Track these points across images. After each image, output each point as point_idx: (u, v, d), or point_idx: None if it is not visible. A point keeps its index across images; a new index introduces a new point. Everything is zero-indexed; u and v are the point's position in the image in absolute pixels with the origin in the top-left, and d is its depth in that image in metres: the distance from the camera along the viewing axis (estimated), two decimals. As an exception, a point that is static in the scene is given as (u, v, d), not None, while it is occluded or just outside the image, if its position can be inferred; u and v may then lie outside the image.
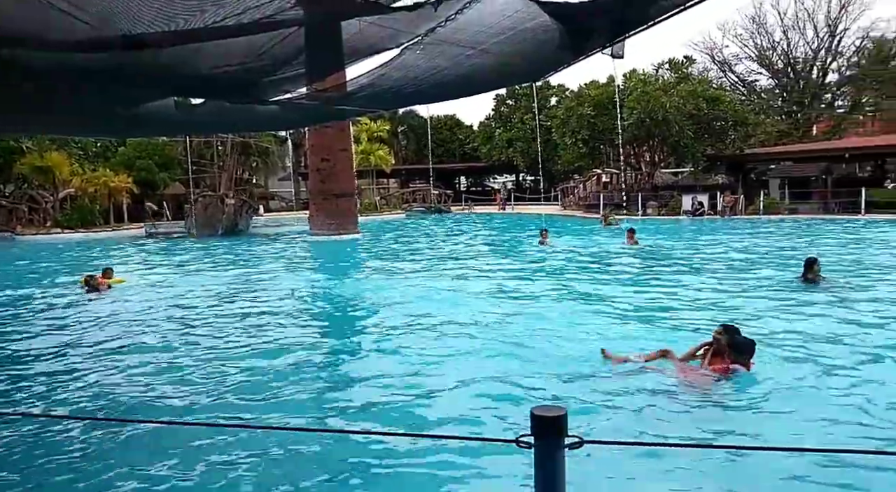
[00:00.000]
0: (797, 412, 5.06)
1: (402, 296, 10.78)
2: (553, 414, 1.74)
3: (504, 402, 5.38)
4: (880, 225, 22.05)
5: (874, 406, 5.09)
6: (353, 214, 24.39)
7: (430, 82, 7.12)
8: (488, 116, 50.49)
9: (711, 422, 4.99)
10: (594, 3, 4.66)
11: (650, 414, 5.13)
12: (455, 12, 4.85)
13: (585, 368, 6.28)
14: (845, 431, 4.71)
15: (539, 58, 6.42)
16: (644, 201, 31.49)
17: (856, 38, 43.21)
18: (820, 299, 9.34)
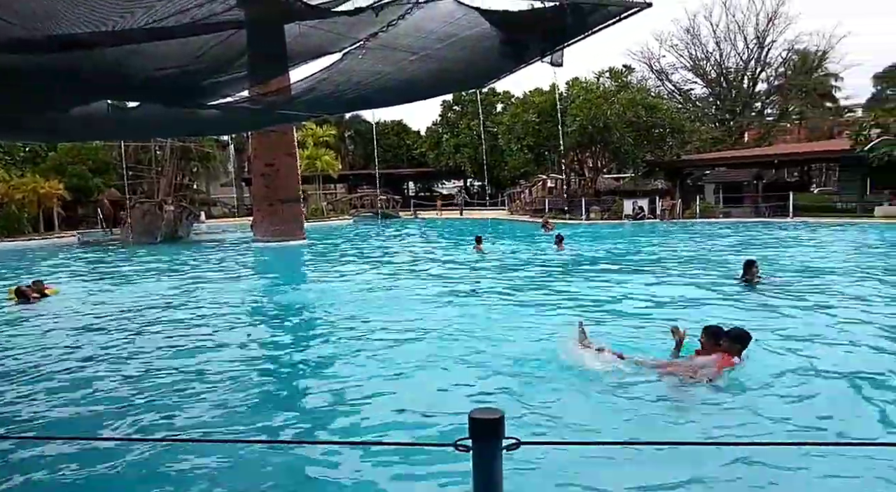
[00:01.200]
0: (746, 407, 5.27)
1: (347, 302, 10.69)
2: (491, 417, 1.76)
3: (445, 406, 5.40)
4: (806, 227, 23.31)
5: (827, 399, 5.38)
6: (299, 220, 23.99)
7: (374, 87, 7.10)
8: (435, 122, 50.68)
9: (656, 418, 5.13)
10: (533, 12, 4.75)
11: (593, 413, 5.24)
12: (397, 18, 4.85)
13: (521, 370, 6.36)
14: (796, 422, 4.94)
15: (482, 65, 6.50)
16: (588, 206, 32.26)
17: (782, 50, 45.75)
18: (758, 299, 9.79)
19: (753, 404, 5.33)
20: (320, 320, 9.62)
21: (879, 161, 25.68)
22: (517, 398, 5.55)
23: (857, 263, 14.26)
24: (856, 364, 6.30)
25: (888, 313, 8.80)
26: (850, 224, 23.52)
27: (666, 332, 6.80)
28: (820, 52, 45.28)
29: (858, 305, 9.34)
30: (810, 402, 5.38)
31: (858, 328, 7.79)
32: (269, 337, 8.98)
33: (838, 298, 9.98)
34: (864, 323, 8.13)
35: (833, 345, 7.10)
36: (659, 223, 28.12)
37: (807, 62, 45.44)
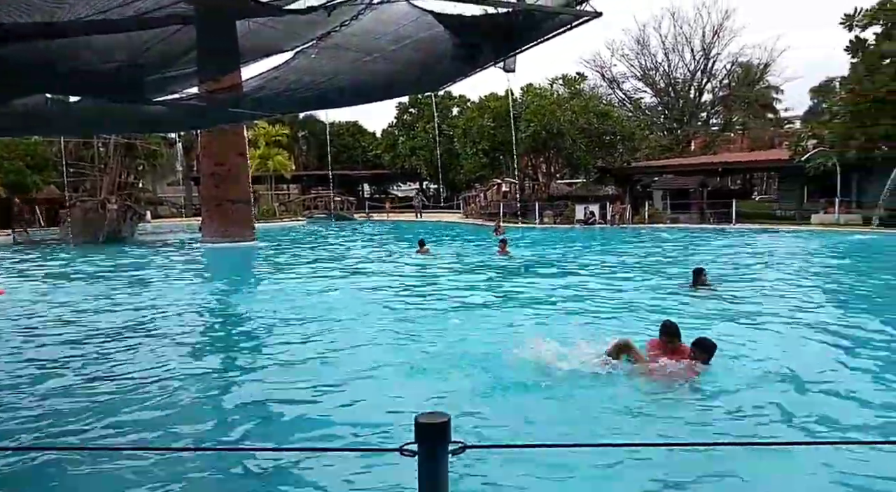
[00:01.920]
0: (703, 408, 5.42)
1: (295, 305, 10.55)
2: (437, 421, 1.75)
3: (393, 410, 5.36)
4: (748, 234, 24.24)
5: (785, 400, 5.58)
6: (249, 221, 23.50)
7: (327, 87, 7.02)
8: (391, 124, 50.49)
9: (609, 420, 5.22)
10: (486, 18, 4.79)
11: (543, 414, 5.30)
12: (350, 18, 4.81)
13: (468, 372, 6.39)
14: (751, 422, 5.11)
15: (437, 68, 6.51)
16: (541, 211, 32.71)
17: (727, 63, 47.50)
18: (707, 304, 10.09)
19: (709, 404, 5.51)
20: (268, 324, 9.43)
21: (815, 171, 26.96)
22: (465, 401, 5.56)
23: (795, 268, 14.92)
24: (799, 364, 6.60)
25: (824, 314, 9.28)
26: (789, 231, 24.59)
27: (607, 331, 6.96)
28: (762, 65, 47.25)
29: (798, 308, 9.80)
30: (761, 401, 5.57)
31: (799, 330, 8.18)
32: (214, 341, 8.75)
33: (778, 301, 10.43)
34: (805, 324, 8.54)
35: (777, 345, 7.41)
36: (609, 228, 28.74)
37: (749, 74, 47.32)
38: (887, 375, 6.34)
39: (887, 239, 20.53)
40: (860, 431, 4.95)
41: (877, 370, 6.51)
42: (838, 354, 7.08)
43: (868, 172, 26.04)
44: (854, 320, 8.96)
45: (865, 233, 21.82)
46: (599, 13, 5.13)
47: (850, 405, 5.47)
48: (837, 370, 6.48)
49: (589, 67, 48.09)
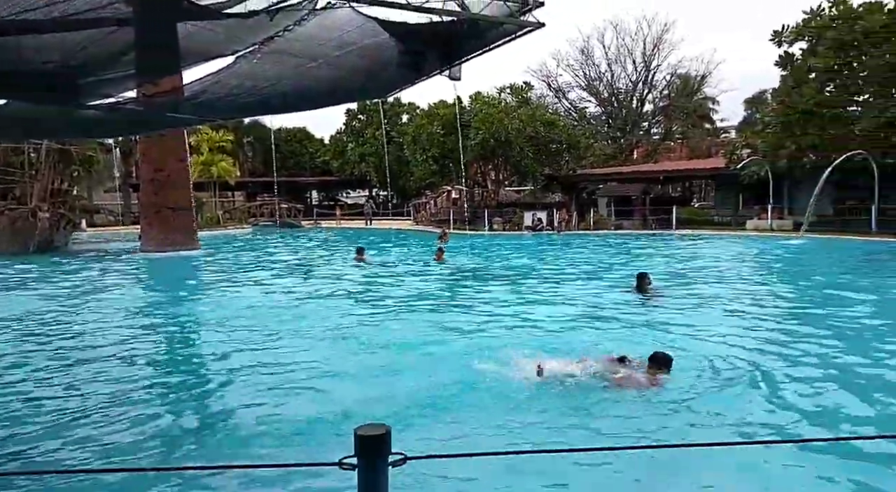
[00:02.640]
0: (648, 411, 5.54)
1: (235, 315, 10.30)
2: (376, 433, 1.73)
3: (333, 423, 5.28)
4: (688, 239, 25.13)
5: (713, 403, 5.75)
6: (191, 229, 22.78)
7: (270, 93, 6.89)
8: (340, 130, 50.05)
9: (558, 425, 5.27)
10: (431, 26, 4.80)
11: (485, 423, 5.29)
12: (293, 23, 4.74)
13: (404, 382, 6.36)
14: (698, 420, 5.27)
15: (383, 75, 6.48)
16: (490, 218, 33.03)
17: (666, 74, 49.30)
18: (651, 308, 10.37)
19: (657, 406, 5.65)
20: (207, 335, 9.18)
21: (749, 179, 28.25)
22: (407, 411, 5.52)
23: (731, 271, 15.55)
24: (743, 361, 6.91)
25: (759, 315, 9.70)
26: (725, 236, 25.62)
27: (546, 338, 7.05)
28: (699, 77, 49.25)
29: (735, 309, 10.23)
30: (707, 399, 5.76)
31: (737, 330, 8.50)
32: (151, 353, 8.41)
33: (716, 302, 10.84)
34: (743, 325, 8.91)
35: (721, 344, 7.69)
36: (556, 235, 29.25)
37: (688, 86, 49.23)
38: (819, 370, 6.67)
39: (815, 243, 21.66)
40: (797, 428, 5.17)
41: (810, 365, 6.85)
42: (774, 351, 7.41)
43: (798, 180, 27.46)
44: (787, 320, 9.44)
45: (796, 238, 22.95)
46: (542, 24, 5.22)
47: (788, 404, 5.71)
48: (774, 368, 6.77)
49: (535, 77, 49.10)
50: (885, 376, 6.44)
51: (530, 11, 5.16)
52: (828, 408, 5.61)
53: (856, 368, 6.79)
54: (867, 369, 6.77)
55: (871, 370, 6.70)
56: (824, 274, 14.69)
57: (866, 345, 7.77)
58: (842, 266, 16.23)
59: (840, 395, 5.95)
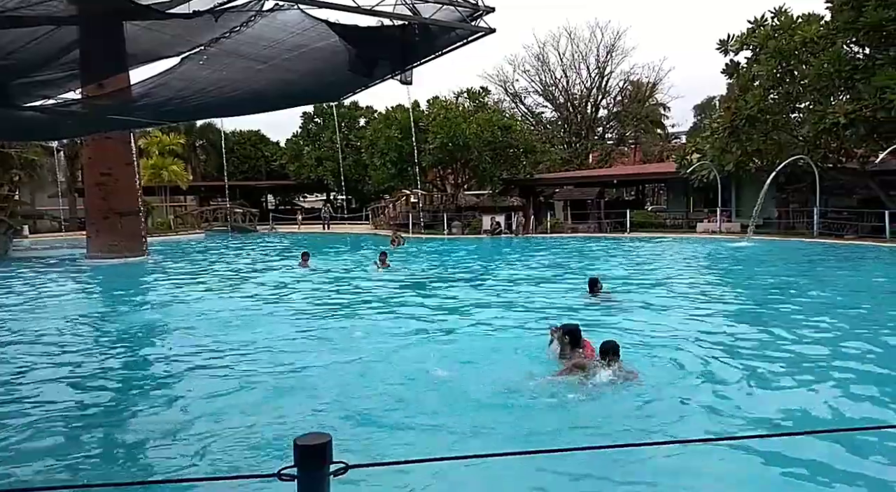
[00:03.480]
0: (593, 413, 5.61)
1: (183, 324, 10.04)
2: (317, 442, 1.69)
3: (275, 433, 5.15)
4: (641, 241, 25.72)
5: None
6: (140, 235, 22.07)
7: (221, 95, 6.75)
8: (296, 134, 49.39)
9: (501, 430, 5.29)
10: (382, 30, 4.78)
11: (430, 429, 5.25)
12: (240, 25, 4.65)
13: (350, 390, 6.26)
14: (643, 422, 5.33)
15: (335, 78, 6.43)
16: (449, 221, 33.09)
17: (619, 80, 50.47)
18: (602, 311, 10.50)
19: (608, 406, 5.73)
20: (149, 345, 8.92)
21: (699, 183, 29.12)
22: (350, 419, 5.43)
23: (682, 272, 15.98)
24: (693, 359, 7.11)
25: (711, 315, 10.00)
26: (677, 238, 26.32)
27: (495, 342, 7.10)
28: (650, 84, 50.56)
29: (687, 309, 10.52)
30: (652, 401, 5.88)
31: (689, 331, 8.71)
32: (90, 364, 8.07)
33: (669, 303, 11.10)
34: (695, 326, 9.10)
35: (670, 344, 7.86)
36: (514, 238, 29.52)
37: (640, 92, 50.49)
38: (771, 366, 6.89)
39: (761, 245, 22.47)
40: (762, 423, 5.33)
41: (757, 361, 7.08)
42: (722, 349, 7.63)
43: (744, 184, 28.45)
44: (734, 319, 9.74)
45: (742, 240, 23.75)
46: (493, 29, 5.26)
47: (735, 401, 5.88)
48: (722, 365, 6.97)
49: (492, 82, 49.54)
50: (829, 372, 6.70)
51: (481, 17, 5.20)
52: (771, 404, 5.79)
53: (801, 362, 7.05)
54: (810, 363, 7.03)
55: (813, 364, 6.97)
56: (769, 274, 15.24)
57: (806, 341, 8.06)
58: (785, 267, 16.87)
59: (787, 391, 6.16)
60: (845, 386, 6.18)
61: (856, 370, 6.73)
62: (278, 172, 50.97)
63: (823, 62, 21.42)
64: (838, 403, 5.72)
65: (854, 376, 6.51)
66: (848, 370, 6.72)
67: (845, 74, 21.23)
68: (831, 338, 8.25)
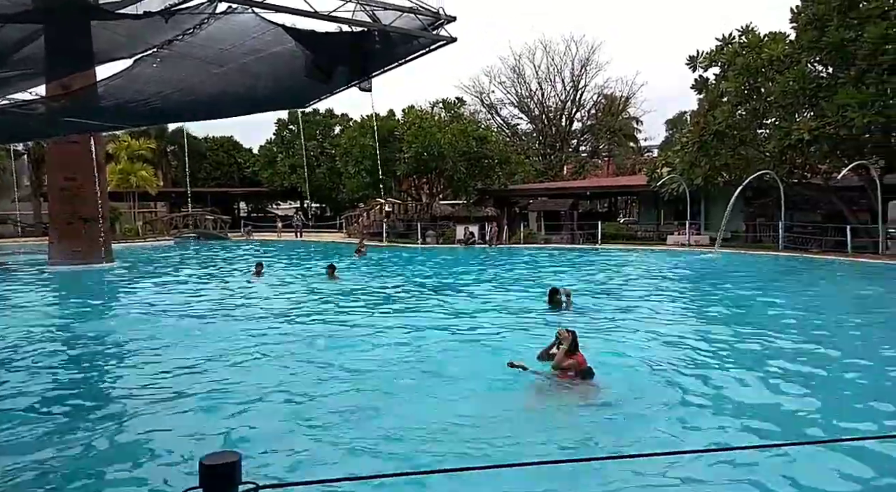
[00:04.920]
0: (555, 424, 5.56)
1: (153, 334, 9.73)
2: (224, 461, 1.60)
3: (188, 451, 4.95)
4: (612, 253, 25.96)
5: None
6: (105, 241, 21.56)
7: (178, 99, 6.61)
8: (270, 141, 49.00)
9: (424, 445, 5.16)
10: (340, 36, 4.72)
11: (352, 446, 5.10)
12: (193, 27, 4.55)
13: (285, 406, 6.10)
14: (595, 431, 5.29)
15: (295, 84, 6.34)
16: (423, 231, 33.04)
17: (593, 94, 51.17)
18: (563, 321, 10.43)
19: (559, 417, 5.69)
20: (96, 355, 8.64)
21: (669, 196, 29.56)
22: (269, 437, 5.24)
23: (651, 284, 16.12)
24: (659, 373, 7.10)
25: (676, 325, 10.10)
26: (647, 250, 26.62)
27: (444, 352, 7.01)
28: (624, 98, 51.35)
29: (652, 319, 10.58)
30: (618, 409, 5.86)
31: (653, 340, 8.76)
32: (51, 376, 7.81)
33: (634, 314, 11.16)
34: (660, 335, 9.18)
35: (633, 356, 7.86)
36: (488, 248, 29.57)
37: (613, 106, 51.23)
38: (743, 375, 6.95)
39: (729, 258, 22.84)
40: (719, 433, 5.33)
41: (722, 370, 7.15)
42: (689, 360, 7.69)
43: (713, 197, 28.94)
44: (700, 330, 9.81)
45: (711, 253, 24.12)
46: (454, 39, 5.24)
47: (702, 410, 5.90)
48: (687, 375, 7.01)
49: (468, 93, 49.83)
50: (795, 379, 6.78)
51: (442, 26, 5.17)
52: (737, 414, 5.82)
53: (767, 369, 7.13)
54: (774, 369, 7.12)
55: (778, 370, 7.06)
56: (736, 286, 15.45)
57: (772, 351, 8.16)
58: (751, 279, 17.14)
59: (753, 399, 6.20)
60: (808, 396, 6.25)
61: (817, 376, 6.84)
62: (251, 179, 50.46)
63: (789, 80, 21.95)
64: (799, 414, 5.77)
65: (815, 384, 6.61)
66: (810, 377, 6.83)
67: (809, 92, 21.79)
68: (792, 349, 8.37)
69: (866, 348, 8.45)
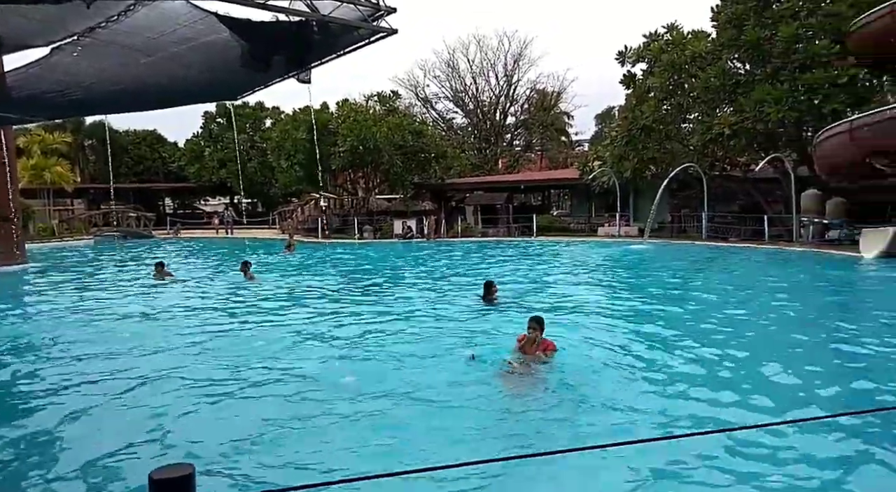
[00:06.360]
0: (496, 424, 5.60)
1: (68, 339, 9.15)
2: (176, 475, 1.51)
3: (142, 461, 4.74)
4: (546, 244, 26.53)
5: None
6: (16, 241, 20.16)
7: (104, 90, 6.23)
8: (196, 134, 47.09)
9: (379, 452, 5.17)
10: (277, 26, 4.56)
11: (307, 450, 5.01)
12: (117, 14, 4.28)
13: (220, 413, 5.89)
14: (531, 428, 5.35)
15: (229, 75, 6.10)
16: (360, 226, 32.68)
17: (526, 89, 51.98)
18: (498, 314, 10.54)
19: (499, 412, 5.74)
20: (28, 363, 8.07)
21: (600, 188, 30.48)
22: (222, 447, 5.02)
23: (582, 274, 16.60)
24: (590, 360, 7.28)
25: (605, 313, 10.39)
26: (580, 242, 27.36)
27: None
28: (555, 93, 52.43)
29: (584, 310, 10.85)
30: (550, 404, 5.97)
31: (586, 331, 8.97)
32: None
33: (566, 304, 11.42)
34: (591, 325, 9.41)
35: (567, 348, 8.03)
36: (426, 242, 29.59)
37: (545, 100, 52.22)
38: (671, 366, 7.22)
39: (657, 247, 23.79)
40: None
41: (656, 359, 7.41)
42: (620, 348, 7.92)
43: (641, 190, 30.04)
44: (631, 317, 10.17)
45: (640, 243, 25.05)
46: (395, 30, 5.16)
47: (632, 401, 6.09)
48: (621, 364, 7.23)
49: (403, 86, 49.57)
50: (715, 360, 7.12)
51: (383, 17, 5.09)
52: (672, 404, 6.06)
53: (698, 358, 7.45)
54: (707, 356, 7.45)
55: (712, 357, 7.39)
56: (664, 274, 16.13)
57: (701, 335, 8.56)
58: (677, 267, 17.92)
59: (689, 388, 6.44)
60: (734, 382, 6.55)
61: (738, 361, 7.20)
62: (177, 175, 48.39)
63: (710, 76, 23.02)
64: (723, 403, 6.05)
65: (737, 368, 6.95)
66: (732, 361, 7.18)
67: (729, 88, 22.93)
68: (719, 332, 8.84)
69: (780, 329, 9.06)
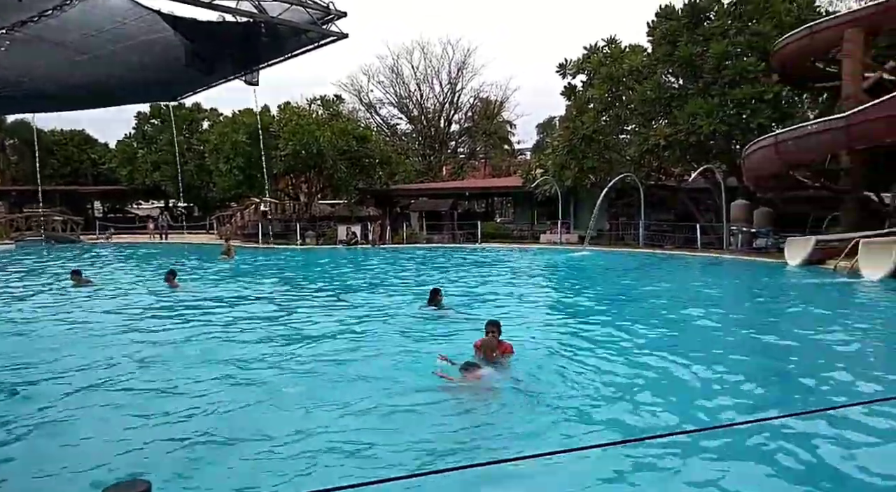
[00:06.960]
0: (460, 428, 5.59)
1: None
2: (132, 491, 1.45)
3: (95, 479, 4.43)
4: (490, 251, 26.84)
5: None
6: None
7: (33, 88, 5.91)
8: (128, 135, 45.17)
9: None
10: (224, 26, 4.46)
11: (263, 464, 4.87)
12: (52, 8, 4.08)
13: (169, 427, 5.61)
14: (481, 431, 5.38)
15: (172, 75, 5.90)
16: (303, 231, 32.12)
17: (470, 97, 52.56)
18: (443, 321, 10.49)
19: (451, 423, 5.75)
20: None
21: (542, 196, 31.10)
22: (160, 459, 4.84)
23: (524, 280, 16.89)
24: (532, 365, 7.35)
25: (546, 318, 10.61)
26: (521, 249, 27.80)
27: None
28: (498, 102, 53.26)
29: (524, 314, 11.04)
30: (497, 410, 6.02)
31: (530, 336, 9.10)
32: None
33: (509, 310, 11.49)
34: (535, 330, 9.57)
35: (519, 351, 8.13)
36: (371, 248, 29.36)
37: (489, 109, 52.95)
38: (611, 366, 7.41)
39: (596, 254, 24.47)
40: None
41: (594, 364, 7.57)
42: (564, 353, 8.07)
43: (582, 198, 30.84)
44: (572, 321, 10.41)
45: (580, 250, 25.69)
46: (345, 34, 5.13)
47: (573, 405, 6.22)
48: (566, 369, 7.35)
49: (347, 91, 49.17)
50: (662, 363, 7.35)
51: (333, 21, 5.06)
52: (619, 408, 6.21)
53: (636, 360, 7.67)
54: (644, 359, 7.67)
55: (651, 361, 7.61)
56: (602, 279, 16.61)
57: (638, 339, 8.83)
58: (614, 273, 18.49)
59: (629, 390, 6.60)
60: (678, 385, 6.76)
61: (676, 362, 7.46)
62: (108, 177, 46.24)
63: (646, 89, 23.92)
64: (667, 407, 6.26)
65: (681, 369, 7.20)
66: (668, 362, 7.43)
67: (664, 101, 23.89)
68: (647, 331, 9.26)
69: (709, 330, 9.55)
